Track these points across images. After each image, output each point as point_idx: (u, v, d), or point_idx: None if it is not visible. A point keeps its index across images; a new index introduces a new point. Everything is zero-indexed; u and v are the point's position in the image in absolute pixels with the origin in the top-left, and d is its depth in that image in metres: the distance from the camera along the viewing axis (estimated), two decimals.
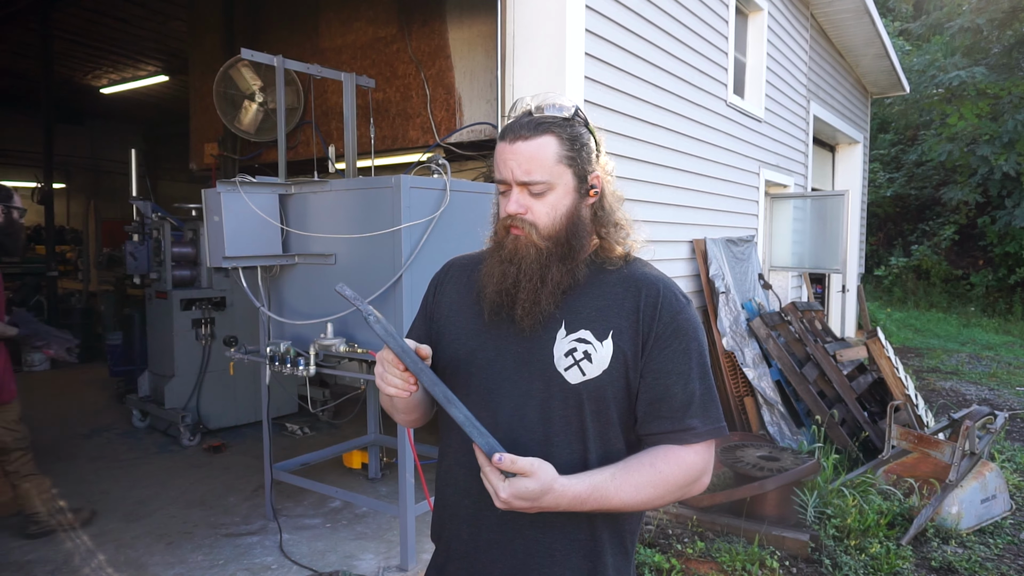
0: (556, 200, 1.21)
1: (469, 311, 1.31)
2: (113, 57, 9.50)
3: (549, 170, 1.19)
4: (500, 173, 1.22)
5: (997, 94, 13.57)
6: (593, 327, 1.21)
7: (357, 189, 3.18)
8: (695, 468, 1.21)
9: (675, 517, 3.84)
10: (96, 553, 3.36)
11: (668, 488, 1.19)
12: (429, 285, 1.42)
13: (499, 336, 1.25)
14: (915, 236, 16.40)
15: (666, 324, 1.22)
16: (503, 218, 1.23)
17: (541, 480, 1.10)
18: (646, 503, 1.18)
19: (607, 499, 1.15)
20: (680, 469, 1.19)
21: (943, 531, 3.77)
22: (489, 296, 1.24)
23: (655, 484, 1.18)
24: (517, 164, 1.19)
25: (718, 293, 5.30)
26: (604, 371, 1.20)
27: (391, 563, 3.25)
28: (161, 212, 5.32)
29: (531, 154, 1.19)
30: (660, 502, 1.20)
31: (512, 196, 1.21)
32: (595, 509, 1.16)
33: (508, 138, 1.21)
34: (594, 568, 1.23)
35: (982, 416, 4.23)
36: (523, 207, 1.20)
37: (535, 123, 1.20)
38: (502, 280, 1.22)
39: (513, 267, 1.21)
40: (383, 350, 1.17)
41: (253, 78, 5.49)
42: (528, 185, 1.19)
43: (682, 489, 1.21)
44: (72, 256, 10.81)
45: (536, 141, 1.19)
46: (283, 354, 3.27)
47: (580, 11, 3.78)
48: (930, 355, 9.77)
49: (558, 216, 1.21)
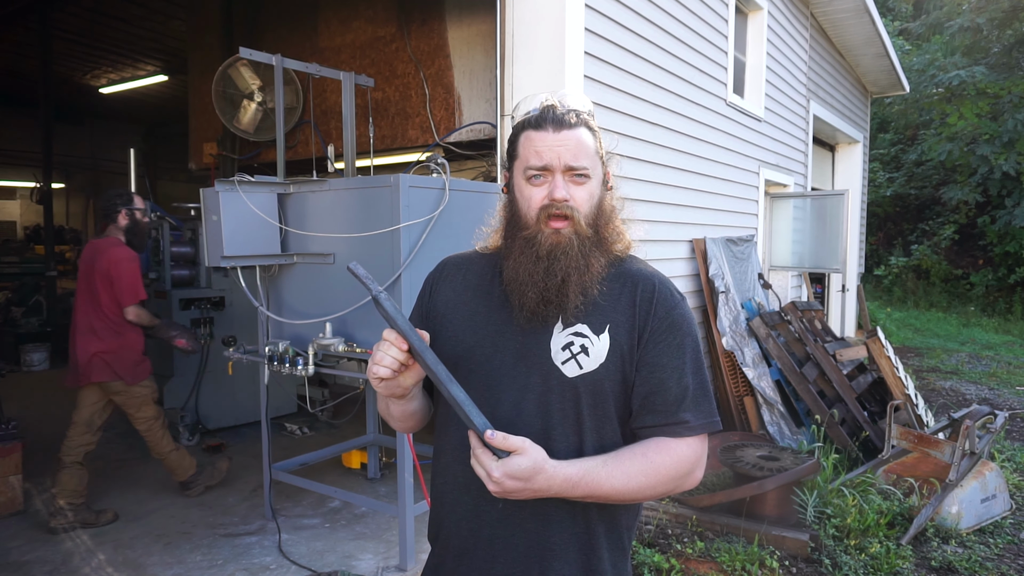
0: (593, 189, 1.25)
1: (466, 308, 1.31)
2: (112, 57, 9.49)
3: (591, 158, 1.24)
4: (541, 159, 1.22)
5: (997, 93, 13.56)
6: (590, 321, 1.22)
7: (356, 188, 3.17)
8: (687, 460, 1.22)
9: (675, 517, 3.83)
10: (95, 553, 3.35)
11: (660, 479, 1.19)
12: (424, 284, 1.43)
13: (497, 332, 1.26)
14: (915, 236, 16.39)
15: (661, 319, 1.24)
16: (542, 206, 1.22)
17: (533, 458, 1.11)
18: (637, 492, 1.18)
19: (598, 484, 1.15)
20: (672, 460, 1.20)
21: (943, 531, 3.76)
22: (530, 298, 1.21)
23: (646, 473, 1.18)
24: (566, 149, 1.21)
25: (718, 293, 5.29)
26: (601, 365, 1.21)
27: (390, 563, 3.25)
28: (160, 212, 5.32)
29: (579, 140, 1.22)
30: (651, 492, 1.20)
31: (558, 181, 1.21)
32: (586, 495, 1.16)
33: (550, 126, 1.22)
34: (589, 561, 1.24)
35: (982, 416, 4.23)
36: (568, 194, 1.22)
37: (576, 114, 1.24)
38: (547, 278, 1.20)
39: (558, 262, 1.20)
40: (386, 331, 1.18)
41: (252, 77, 5.48)
42: (575, 170, 1.22)
43: (674, 481, 1.21)
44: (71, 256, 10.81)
45: (579, 130, 1.23)
46: (282, 354, 3.27)
47: (579, 10, 3.77)
48: (930, 355, 9.77)
49: (594, 204, 1.25)
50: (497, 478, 1.10)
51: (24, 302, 8.49)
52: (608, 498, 1.18)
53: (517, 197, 1.26)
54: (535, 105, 1.26)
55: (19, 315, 8.37)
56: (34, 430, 5.23)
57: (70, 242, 11.33)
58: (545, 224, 1.21)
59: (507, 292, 1.25)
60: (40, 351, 7.78)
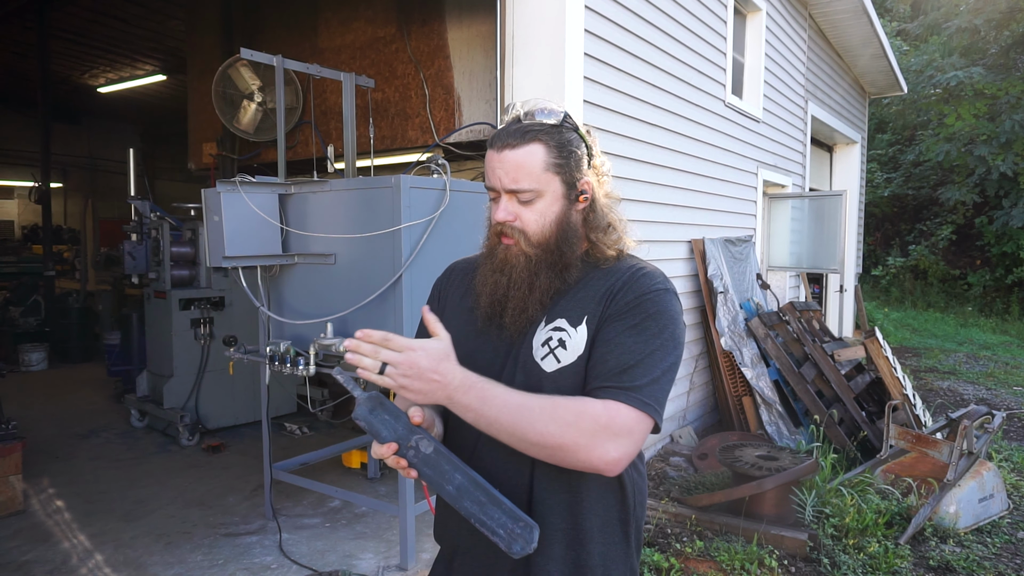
0: (544, 207, 1.23)
1: (468, 315, 1.34)
2: (111, 56, 9.48)
3: (536, 178, 1.21)
4: (489, 180, 1.25)
5: (995, 94, 13.59)
6: (568, 315, 1.23)
7: (357, 189, 3.18)
8: (593, 417, 1.10)
9: (674, 516, 3.84)
10: (94, 553, 3.36)
11: (554, 419, 1.09)
12: (432, 290, 1.46)
13: (495, 337, 1.28)
14: (912, 236, 16.42)
15: (627, 302, 1.20)
16: (494, 225, 1.26)
17: (446, 344, 1.13)
18: (525, 424, 1.10)
19: (490, 397, 1.11)
20: (576, 409, 1.10)
21: (941, 530, 3.78)
22: (483, 306, 1.28)
23: (542, 408, 1.10)
24: (505, 172, 1.21)
25: (716, 293, 5.31)
26: (579, 356, 1.20)
27: (391, 562, 3.25)
28: (159, 211, 5.31)
29: (519, 162, 1.20)
30: (535, 434, 1.10)
31: (501, 204, 1.23)
32: (474, 406, 1.11)
33: (496, 146, 1.22)
34: (578, 556, 1.23)
35: (980, 415, 4.24)
36: (512, 214, 1.23)
37: (522, 131, 1.21)
38: (494, 290, 1.26)
39: (504, 277, 1.24)
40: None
41: (252, 78, 5.49)
42: (516, 193, 1.22)
43: (568, 428, 1.09)
44: (70, 256, 10.78)
45: (523, 149, 1.20)
46: (283, 354, 3.27)
47: (579, 11, 3.78)
48: (928, 355, 9.79)
49: (547, 223, 1.23)
50: (397, 359, 1.08)
51: (22, 302, 8.48)
52: (492, 424, 1.11)
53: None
54: (509, 115, 1.27)
55: (17, 315, 8.36)
56: (33, 430, 5.23)
57: (68, 242, 11.30)
58: (497, 240, 1.27)
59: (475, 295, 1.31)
60: (38, 351, 7.78)
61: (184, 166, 7.05)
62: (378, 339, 1.08)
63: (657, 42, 4.78)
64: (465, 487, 1.11)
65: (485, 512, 1.10)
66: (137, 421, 5.49)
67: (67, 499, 3.97)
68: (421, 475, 1.11)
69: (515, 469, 1.23)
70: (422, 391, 1.10)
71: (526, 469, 1.22)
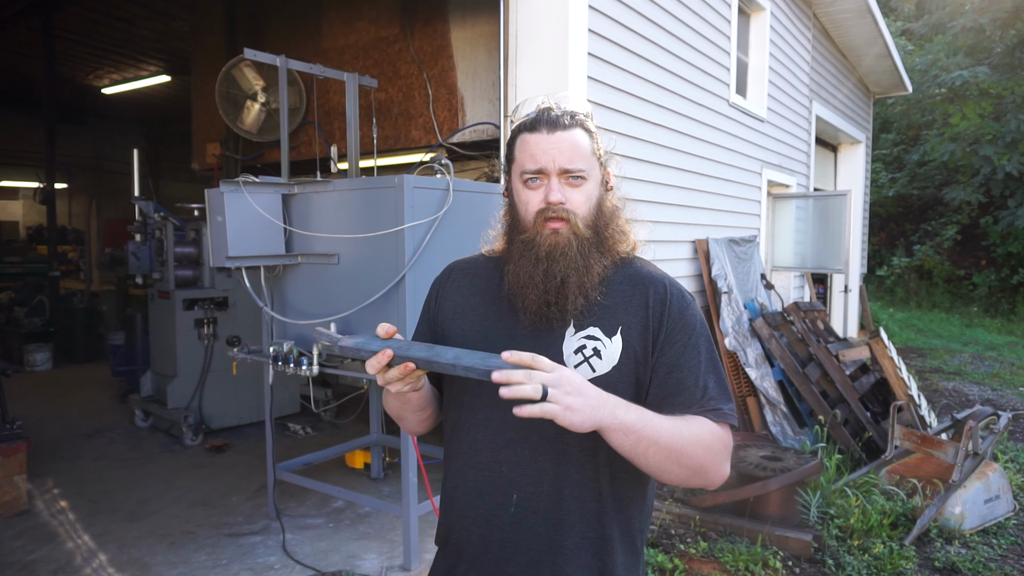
0: (591, 190, 1.24)
1: (475, 314, 1.31)
2: (115, 57, 9.50)
3: (587, 159, 1.23)
4: (536, 162, 1.22)
5: (1000, 94, 13.53)
6: (602, 324, 1.22)
7: (360, 189, 3.18)
8: (720, 440, 1.18)
9: (678, 517, 3.83)
10: (99, 553, 3.36)
11: (700, 445, 1.13)
12: (430, 290, 1.42)
13: (508, 336, 1.25)
14: (917, 236, 16.36)
15: (675, 320, 1.23)
16: (539, 210, 1.22)
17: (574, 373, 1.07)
18: (679, 450, 1.11)
19: (650, 422, 1.10)
20: (709, 433, 1.16)
21: (946, 531, 3.76)
22: (532, 300, 1.21)
23: (691, 433, 1.13)
24: (560, 152, 1.21)
25: (720, 293, 5.29)
26: (614, 367, 1.20)
27: (394, 563, 3.25)
28: (163, 212, 5.32)
29: (573, 142, 1.22)
30: (690, 458, 1.13)
31: (552, 185, 1.21)
32: (636, 426, 1.08)
33: (544, 129, 1.22)
34: (604, 566, 1.22)
35: (985, 416, 4.22)
36: (564, 196, 1.21)
37: (570, 115, 1.24)
38: (547, 280, 1.19)
39: (557, 264, 1.20)
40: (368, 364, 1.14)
41: (255, 78, 5.49)
42: (570, 173, 1.21)
43: (710, 454, 1.15)
44: (74, 256, 10.82)
45: (574, 132, 1.23)
46: (286, 354, 3.27)
47: (583, 11, 3.78)
48: (933, 355, 9.76)
49: (592, 206, 1.24)
50: (548, 381, 1.01)
51: (27, 302, 8.50)
52: (651, 447, 1.10)
53: (516, 201, 1.27)
54: (532, 108, 1.26)
55: (22, 315, 8.38)
56: (38, 430, 5.24)
57: (73, 242, 11.33)
58: (543, 226, 1.21)
59: (510, 296, 1.25)
60: (43, 351, 7.80)
61: (188, 166, 7.07)
62: (528, 361, 1.02)
63: (661, 41, 4.77)
64: (460, 353, 1.10)
65: (487, 362, 1.06)
66: (141, 421, 5.50)
67: (71, 499, 3.98)
68: (417, 363, 1.10)
69: (537, 475, 1.21)
70: (585, 408, 1.04)
71: (549, 475, 1.21)
